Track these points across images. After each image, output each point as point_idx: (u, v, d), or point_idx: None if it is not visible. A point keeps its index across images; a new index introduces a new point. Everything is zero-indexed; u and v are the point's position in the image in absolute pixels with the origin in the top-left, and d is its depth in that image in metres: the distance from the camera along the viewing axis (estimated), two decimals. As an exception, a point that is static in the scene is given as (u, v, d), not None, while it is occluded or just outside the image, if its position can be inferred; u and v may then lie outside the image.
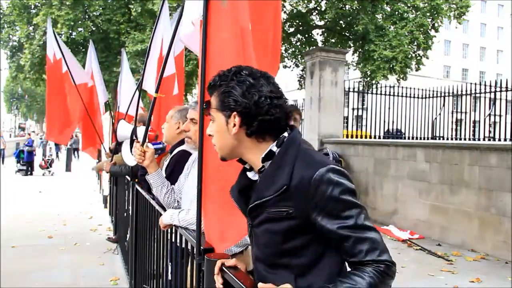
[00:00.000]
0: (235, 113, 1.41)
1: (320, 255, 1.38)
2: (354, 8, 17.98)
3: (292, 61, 21.01)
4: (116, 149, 5.86)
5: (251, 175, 1.52)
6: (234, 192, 1.56)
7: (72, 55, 7.23)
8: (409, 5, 18.32)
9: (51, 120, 7.53)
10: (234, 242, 1.96)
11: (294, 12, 19.96)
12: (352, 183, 1.35)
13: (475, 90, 8.81)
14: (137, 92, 4.32)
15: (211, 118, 1.50)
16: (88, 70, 8.01)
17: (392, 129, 10.90)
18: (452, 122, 10.92)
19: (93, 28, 21.09)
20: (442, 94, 10.00)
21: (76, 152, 28.12)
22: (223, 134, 1.46)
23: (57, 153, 24.99)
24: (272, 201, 1.36)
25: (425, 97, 10.51)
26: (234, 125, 1.42)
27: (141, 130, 3.58)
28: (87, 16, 20.82)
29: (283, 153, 1.40)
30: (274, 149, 1.42)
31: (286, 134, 1.44)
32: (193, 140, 2.88)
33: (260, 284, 1.40)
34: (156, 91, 3.20)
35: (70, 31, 20.11)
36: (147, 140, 3.10)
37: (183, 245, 2.24)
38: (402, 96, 10.33)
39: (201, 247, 1.80)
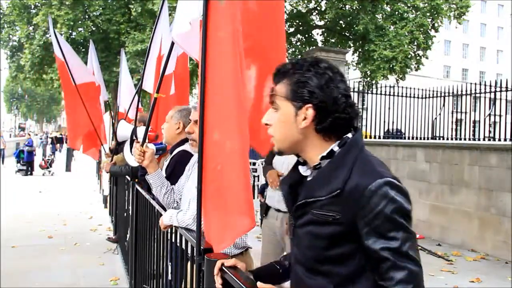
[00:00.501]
0: (309, 105, 1.31)
1: (362, 268, 1.28)
2: (354, 8, 17.97)
3: (292, 61, 20.99)
4: (116, 149, 5.86)
5: (302, 169, 1.44)
6: (284, 186, 1.47)
7: (73, 54, 7.17)
8: (409, 5, 18.32)
9: (70, 125, 7.39)
10: (231, 243, 1.95)
11: (294, 12, 19.95)
12: (409, 204, 1.24)
13: (475, 90, 8.81)
14: (138, 92, 4.32)
15: (274, 107, 1.40)
16: (90, 69, 8.00)
17: (392, 129, 10.89)
18: (452, 122, 10.91)
19: (93, 28, 21.09)
20: (442, 94, 9.99)
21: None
22: (289, 125, 1.36)
23: (53, 152, 24.98)
24: (321, 202, 1.28)
25: (425, 97, 10.50)
26: (305, 118, 1.33)
27: (141, 130, 3.58)
28: (87, 16, 20.82)
29: (343, 155, 1.31)
30: (336, 149, 1.34)
31: (350, 135, 1.35)
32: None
33: (259, 284, 1.40)
34: (157, 91, 3.20)
35: (70, 31, 20.10)
36: (147, 140, 3.09)
37: (183, 245, 2.24)
38: (402, 96, 10.32)
39: (201, 247, 1.80)
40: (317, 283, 1.33)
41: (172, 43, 2.86)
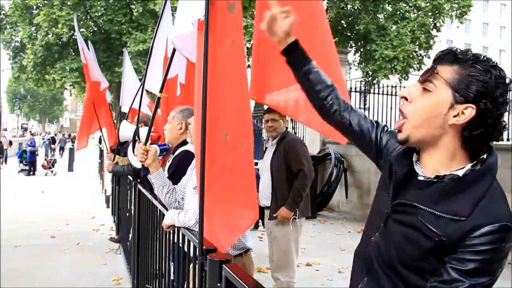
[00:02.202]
0: (472, 106, 1.17)
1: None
2: (356, 7, 17.98)
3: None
4: (118, 149, 5.87)
5: (417, 167, 1.32)
6: (402, 168, 1.34)
7: (89, 51, 7.35)
8: (410, 4, 18.32)
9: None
10: (236, 238, 1.97)
11: (296, 12, 19.93)
12: (509, 253, 1.17)
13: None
14: (140, 91, 4.32)
15: (427, 87, 1.24)
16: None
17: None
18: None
19: (95, 29, 21.14)
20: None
21: (61, 151, 28.23)
22: (436, 114, 1.21)
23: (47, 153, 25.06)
24: (434, 216, 1.19)
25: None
26: (458, 115, 1.19)
27: (143, 131, 3.59)
28: (88, 17, 20.87)
29: (477, 180, 1.19)
30: (469, 168, 1.22)
31: (484, 156, 1.23)
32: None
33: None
34: (160, 91, 3.20)
35: (72, 32, 20.15)
36: (149, 140, 3.10)
37: (186, 245, 2.24)
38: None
39: (204, 247, 1.81)
40: (392, 284, 1.29)
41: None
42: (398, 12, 18.08)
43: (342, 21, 19.44)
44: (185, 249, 2.25)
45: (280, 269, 3.86)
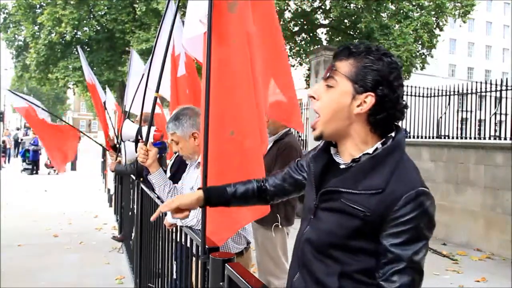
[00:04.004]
0: (372, 94, 1.28)
1: (372, 267, 1.29)
2: (359, 6, 17.95)
3: (296, 59, 20.98)
4: (120, 148, 5.87)
5: (336, 157, 1.42)
6: (318, 164, 1.45)
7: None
8: (414, 3, 18.27)
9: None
10: (230, 234, 1.98)
11: (299, 11, 19.94)
12: (434, 213, 1.28)
13: (481, 88, 8.77)
14: (149, 91, 4.29)
15: (329, 83, 1.34)
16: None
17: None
18: (457, 121, 10.87)
19: (98, 28, 21.17)
20: (447, 93, 9.95)
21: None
22: (341, 106, 1.32)
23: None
24: (355, 196, 1.28)
25: (430, 96, 10.46)
26: (360, 104, 1.29)
27: (146, 130, 3.58)
28: (92, 16, 20.90)
29: (387, 154, 1.29)
30: (379, 146, 1.32)
31: (393, 134, 1.34)
32: (187, 156, 2.84)
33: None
34: (157, 91, 3.18)
35: (75, 31, 20.18)
36: (151, 140, 3.10)
37: (188, 244, 2.24)
38: (406, 94, 10.28)
39: (206, 246, 1.81)
40: (324, 267, 1.35)
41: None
42: (401, 11, 18.04)
43: (345, 20, 19.42)
44: (188, 246, 2.25)
45: (271, 274, 3.78)
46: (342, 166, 1.39)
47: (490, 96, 8.86)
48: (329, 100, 1.34)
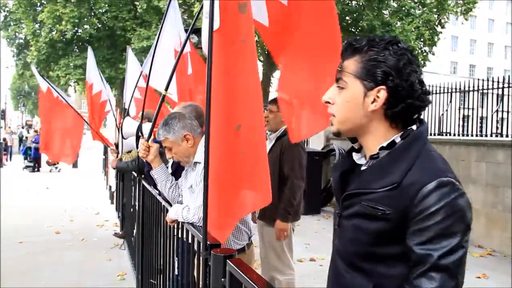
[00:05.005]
0: (383, 87, 1.20)
1: (407, 274, 1.16)
2: (361, 4, 17.91)
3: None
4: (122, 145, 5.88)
5: (356, 157, 1.35)
6: (335, 173, 1.38)
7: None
8: (415, 1, 18.23)
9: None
10: (231, 227, 1.99)
11: (300, 8, 19.88)
12: (470, 212, 1.13)
13: (483, 86, 8.76)
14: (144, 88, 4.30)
15: (340, 85, 1.28)
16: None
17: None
18: (459, 118, 10.85)
19: (99, 25, 21.14)
20: (449, 90, 9.93)
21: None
22: (355, 106, 1.25)
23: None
24: (374, 195, 1.19)
25: (432, 93, 10.45)
26: (374, 100, 1.22)
27: (146, 127, 3.59)
28: (92, 13, 20.88)
29: (405, 148, 1.21)
30: (398, 140, 1.23)
31: (414, 127, 1.24)
32: (182, 160, 2.83)
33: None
34: (166, 89, 3.18)
35: (76, 28, 20.17)
36: (152, 136, 3.10)
37: (190, 240, 2.25)
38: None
39: (208, 242, 1.81)
40: (356, 281, 1.25)
41: (184, 44, 2.91)
42: (403, 8, 17.99)
43: (347, 18, 19.37)
44: (189, 243, 2.26)
45: (276, 270, 3.79)
46: (363, 168, 1.32)
47: (492, 93, 8.86)
48: (342, 102, 1.27)
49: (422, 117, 1.30)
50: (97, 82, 7.21)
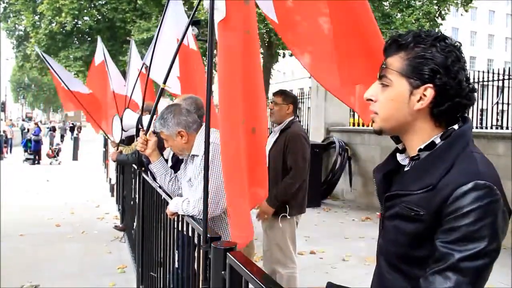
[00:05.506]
0: (430, 85, 1.16)
1: None
2: (361, -5, 17.83)
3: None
4: (122, 138, 5.87)
5: (400, 157, 1.32)
6: (378, 174, 1.36)
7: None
8: (416, -8, 18.17)
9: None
10: (251, 229, 1.97)
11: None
12: (504, 221, 1.10)
13: (483, 78, 8.73)
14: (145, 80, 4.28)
15: (384, 82, 1.24)
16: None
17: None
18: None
19: (99, 17, 21.08)
20: (449, 82, 9.93)
21: (62, 138, 28.06)
22: (400, 105, 1.21)
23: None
24: (412, 197, 1.17)
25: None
26: (421, 98, 1.18)
27: (146, 119, 3.58)
28: (92, 5, 20.80)
29: (445, 149, 1.17)
30: (437, 141, 1.20)
31: (456, 126, 1.20)
32: (177, 152, 2.87)
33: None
34: (164, 82, 3.17)
35: (76, 20, 20.10)
36: (151, 129, 3.10)
37: (190, 233, 2.25)
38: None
39: (208, 235, 1.81)
40: (396, 282, 1.24)
41: (182, 37, 2.90)
42: (403, 0, 17.92)
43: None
44: (190, 235, 2.26)
45: (278, 263, 3.78)
46: (406, 169, 1.28)
47: (492, 85, 8.83)
48: (386, 100, 1.23)
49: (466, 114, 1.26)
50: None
